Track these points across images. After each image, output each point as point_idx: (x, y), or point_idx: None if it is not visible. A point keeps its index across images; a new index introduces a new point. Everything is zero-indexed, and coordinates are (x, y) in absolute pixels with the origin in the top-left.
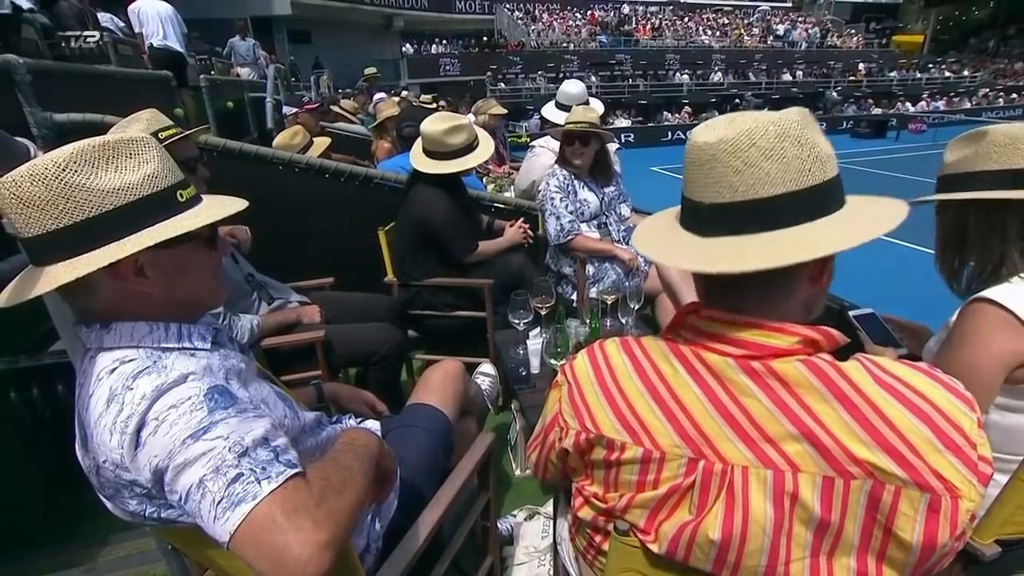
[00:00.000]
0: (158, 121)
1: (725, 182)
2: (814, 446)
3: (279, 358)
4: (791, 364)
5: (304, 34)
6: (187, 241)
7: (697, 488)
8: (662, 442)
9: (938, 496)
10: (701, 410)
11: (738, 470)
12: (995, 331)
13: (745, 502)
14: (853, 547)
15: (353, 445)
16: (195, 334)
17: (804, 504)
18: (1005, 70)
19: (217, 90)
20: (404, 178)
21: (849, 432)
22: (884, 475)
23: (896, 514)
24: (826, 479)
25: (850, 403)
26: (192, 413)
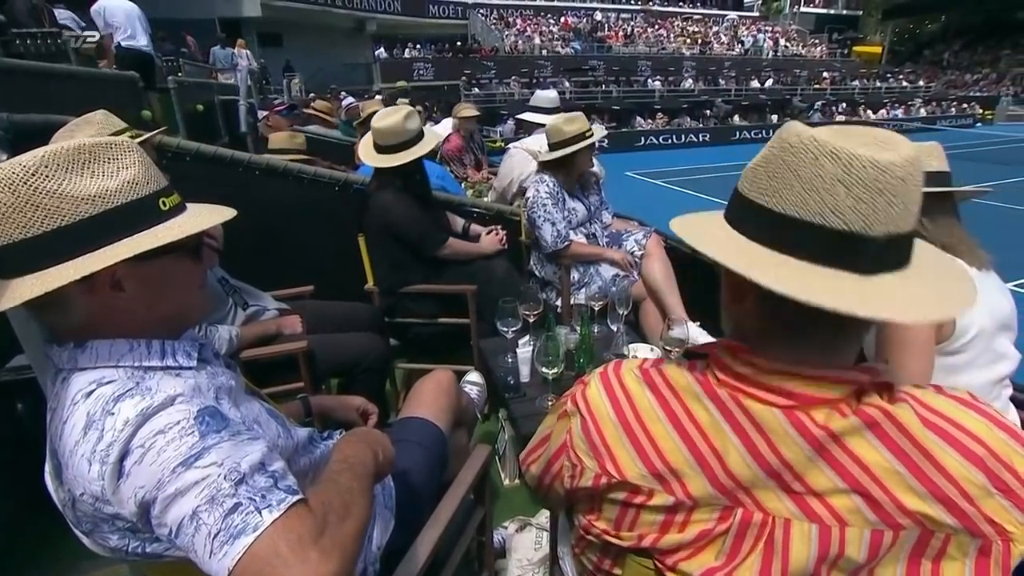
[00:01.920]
0: (111, 124)
1: (910, 211)
2: (864, 498)
3: (258, 370)
4: (844, 421)
5: (275, 37)
6: (170, 252)
7: (732, 535)
8: (695, 492)
9: (989, 541)
10: (739, 461)
11: (779, 522)
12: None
13: (785, 553)
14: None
15: (349, 463)
16: (180, 351)
17: (848, 558)
18: (956, 81)
19: (186, 92)
20: None
21: (901, 482)
22: (935, 524)
23: (943, 557)
24: (875, 532)
25: (900, 451)
26: (182, 439)
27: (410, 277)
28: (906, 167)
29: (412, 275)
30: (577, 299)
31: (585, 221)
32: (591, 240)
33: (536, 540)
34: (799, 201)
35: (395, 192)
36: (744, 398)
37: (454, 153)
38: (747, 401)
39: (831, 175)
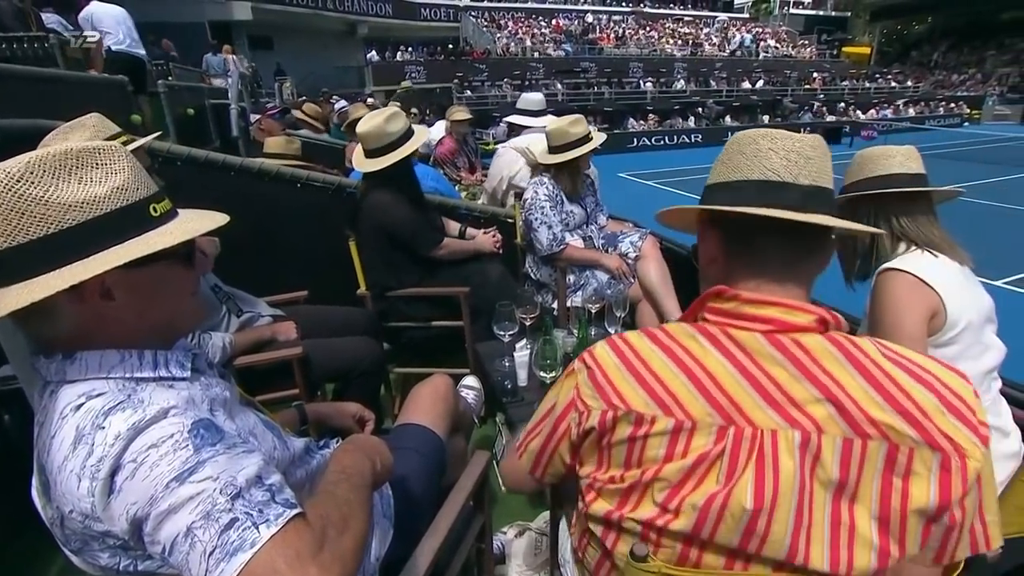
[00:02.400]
0: (106, 127)
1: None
2: (836, 408)
3: (253, 377)
4: (814, 337)
5: (265, 40)
6: (161, 259)
7: (727, 455)
8: (693, 412)
9: (948, 456)
10: (731, 380)
11: (767, 434)
12: (907, 292)
13: (775, 464)
14: (872, 515)
15: (347, 474)
16: (172, 361)
17: (824, 465)
18: (943, 81)
19: (176, 96)
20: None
21: (867, 396)
22: (898, 436)
23: (911, 475)
24: (846, 440)
25: (866, 371)
26: (176, 452)
27: (404, 279)
28: (815, 145)
29: (406, 276)
30: (573, 301)
31: (582, 223)
32: (588, 243)
33: (536, 545)
34: (746, 168)
35: (387, 193)
36: (730, 328)
37: (447, 156)
38: (732, 331)
39: (766, 147)
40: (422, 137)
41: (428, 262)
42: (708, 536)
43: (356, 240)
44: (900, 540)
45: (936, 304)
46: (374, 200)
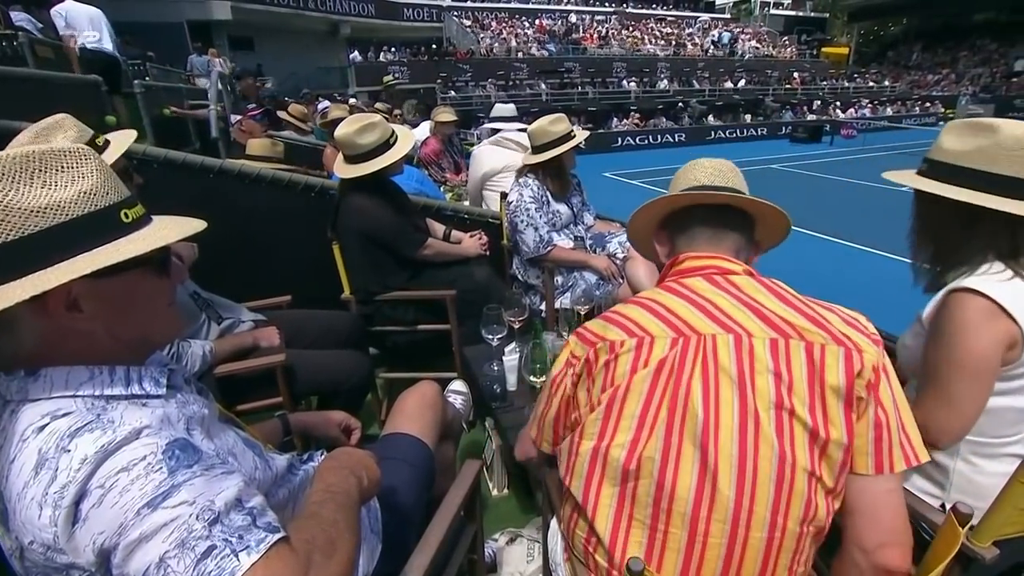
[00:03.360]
0: (83, 129)
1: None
2: (761, 319)
3: (234, 386)
4: (742, 277)
5: (246, 40)
6: (133, 268)
7: (678, 355)
8: (652, 330)
9: (849, 350)
10: (682, 308)
11: (708, 338)
12: (985, 320)
13: (715, 359)
14: (805, 401)
15: (332, 492)
16: (146, 378)
17: (760, 358)
18: (919, 81)
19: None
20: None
21: (784, 310)
22: (811, 335)
23: (824, 365)
24: (772, 340)
25: (783, 297)
26: (148, 476)
27: (388, 282)
28: (727, 165)
29: (390, 280)
30: (562, 303)
31: (569, 223)
32: (578, 243)
33: (528, 552)
34: (682, 182)
35: (365, 195)
36: (681, 278)
37: (432, 157)
38: (683, 279)
39: (693, 167)
40: (404, 147)
41: (413, 265)
42: (677, 441)
43: (339, 243)
44: (824, 416)
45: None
46: (353, 203)
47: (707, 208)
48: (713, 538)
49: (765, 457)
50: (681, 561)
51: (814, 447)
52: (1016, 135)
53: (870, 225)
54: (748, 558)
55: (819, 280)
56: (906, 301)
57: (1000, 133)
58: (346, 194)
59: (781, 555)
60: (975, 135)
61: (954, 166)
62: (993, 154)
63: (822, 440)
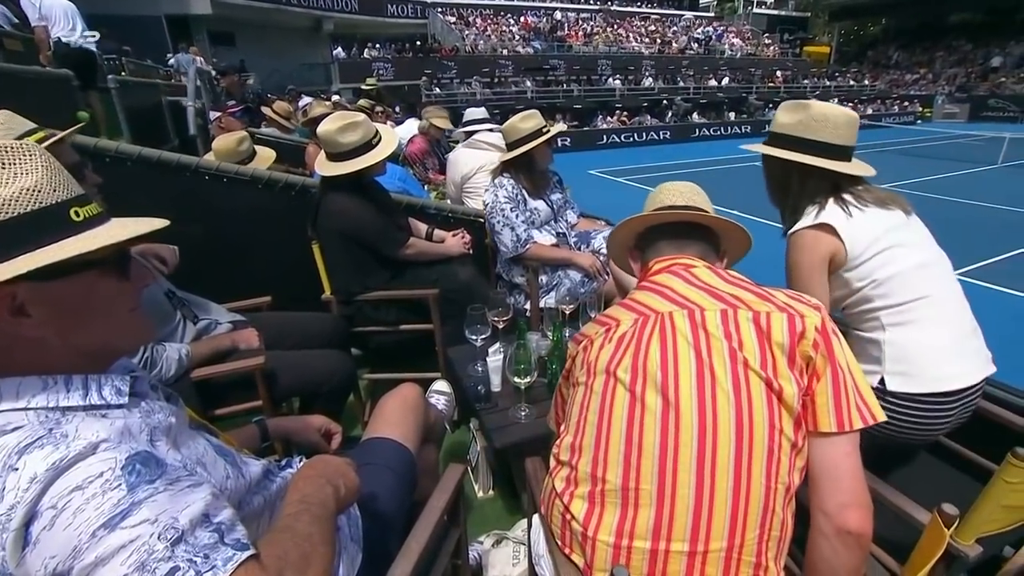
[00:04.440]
0: (18, 124)
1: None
2: (713, 296)
3: (212, 390)
4: (699, 268)
5: (227, 36)
6: (86, 269)
7: (637, 328)
8: (619, 316)
9: (792, 316)
10: (646, 297)
11: (665, 315)
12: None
13: (673, 331)
14: (756, 356)
15: (308, 504)
16: (107, 386)
17: (712, 325)
18: (897, 80)
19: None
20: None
21: (732, 288)
22: (757, 305)
23: (771, 328)
24: (722, 311)
25: (731, 281)
26: (105, 494)
27: (370, 282)
28: (691, 187)
29: (372, 280)
30: (547, 302)
31: (549, 220)
32: (560, 239)
33: (514, 554)
34: (649, 205)
35: (345, 194)
36: (652, 276)
37: (416, 156)
38: (652, 276)
39: (659, 191)
40: (388, 148)
41: (395, 264)
42: (640, 396)
43: (319, 243)
44: (775, 370)
45: (835, 243)
46: (333, 202)
47: (671, 226)
48: (681, 488)
49: (723, 407)
50: (653, 516)
51: (771, 396)
52: (822, 111)
53: None
54: (716, 510)
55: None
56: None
57: (811, 109)
58: (326, 193)
59: (750, 508)
60: (796, 112)
61: (784, 135)
62: (807, 124)
63: (776, 390)
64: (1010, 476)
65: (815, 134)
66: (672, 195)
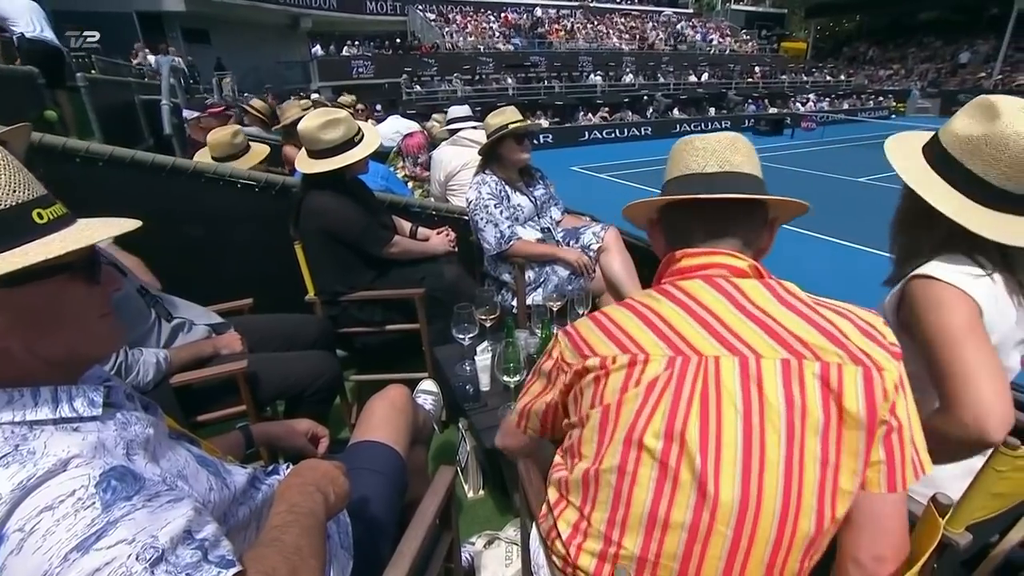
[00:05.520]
0: None
1: (726, 160)
2: (771, 337)
3: (193, 396)
4: (748, 280)
5: (201, 33)
6: (53, 275)
7: (675, 379)
8: (646, 346)
9: (868, 369)
10: (679, 319)
11: (711, 360)
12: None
13: (718, 391)
14: (819, 426)
15: (296, 514)
16: (79, 397)
17: (768, 386)
18: (872, 75)
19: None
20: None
21: (796, 323)
22: (826, 353)
23: (843, 386)
24: (784, 361)
25: (793, 307)
26: (78, 514)
27: (354, 282)
28: (723, 139)
29: (356, 280)
30: (535, 299)
31: (533, 216)
32: (546, 234)
33: (506, 555)
34: (672, 169)
35: (326, 193)
36: (679, 280)
37: (413, 150)
38: (681, 282)
39: (681, 150)
40: (370, 146)
41: (379, 264)
42: (675, 469)
43: (301, 243)
44: (837, 461)
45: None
46: (315, 201)
47: (699, 203)
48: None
49: (769, 497)
50: None
51: (827, 487)
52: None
53: (830, 216)
54: None
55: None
56: (860, 288)
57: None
58: (308, 191)
59: None
60: (978, 120)
61: (944, 153)
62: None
63: (836, 484)
64: (1000, 465)
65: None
66: (702, 155)
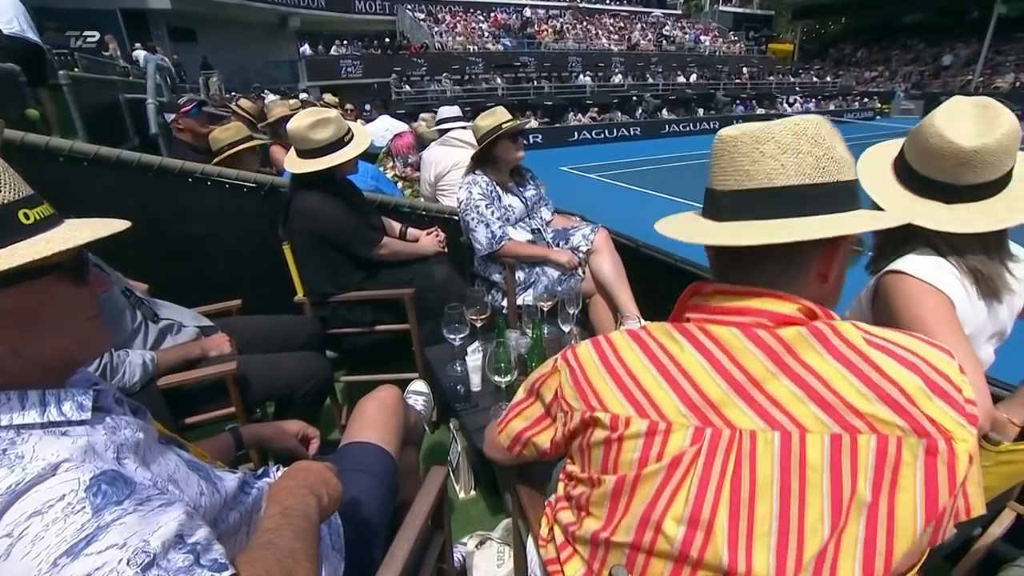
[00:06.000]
0: None
1: (742, 171)
2: (818, 405)
3: (182, 399)
4: (795, 330)
5: (187, 32)
6: (41, 276)
7: (703, 458)
8: (668, 412)
9: (934, 440)
10: (706, 378)
11: (746, 435)
12: (922, 290)
13: (752, 466)
14: (865, 505)
15: (289, 517)
16: (68, 401)
17: (814, 467)
18: (858, 77)
19: (83, 89)
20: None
21: (850, 387)
22: (885, 426)
23: (900, 465)
24: (834, 436)
25: (846, 360)
26: (68, 519)
27: (343, 283)
28: (740, 137)
29: (345, 280)
30: (525, 300)
31: (523, 216)
32: (536, 235)
33: (498, 555)
34: (721, 171)
35: (315, 194)
36: (708, 324)
37: (403, 150)
38: (710, 327)
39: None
40: (360, 146)
41: (369, 264)
42: (700, 551)
43: (290, 243)
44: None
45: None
46: (304, 202)
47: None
48: None
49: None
50: None
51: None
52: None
53: None
54: None
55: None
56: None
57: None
58: (297, 192)
59: None
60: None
61: (900, 149)
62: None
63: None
64: (984, 460)
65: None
66: (726, 160)
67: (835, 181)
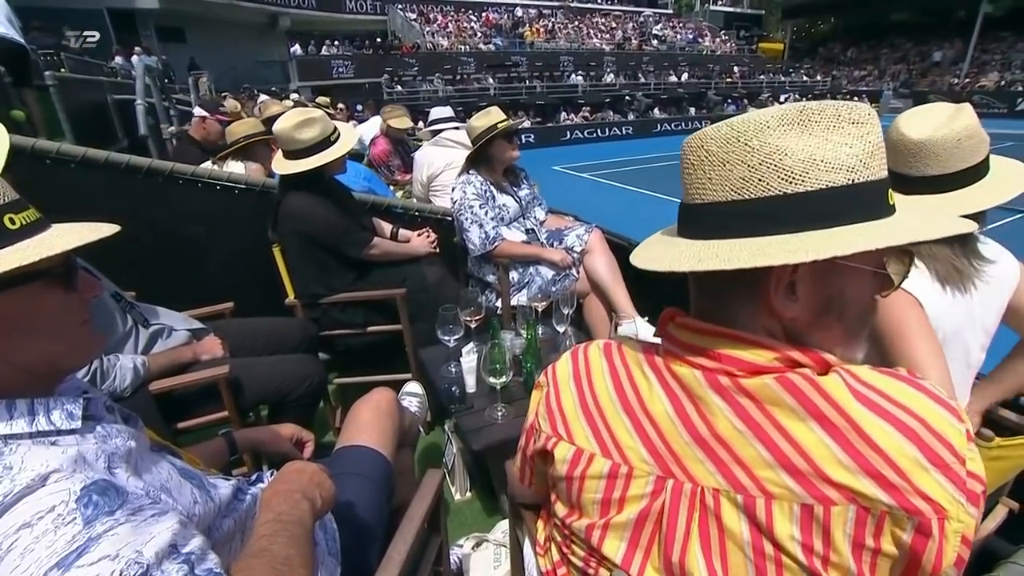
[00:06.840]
0: None
1: (687, 182)
2: (789, 473)
3: (174, 403)
4: (761, 380)
5: (176, 32)
6: (28, 282)
7: (667, 513)
8: (631, 457)
9: (927, 519)
10: (670, 427)
11: (709, 492)
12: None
13: (719, 521)
14: (850, 571)
15: (283, 522)
16: (57, 410)
17: (781, 532)
18: (847, 76)
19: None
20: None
21: (829, 455)
22: (868, 501)
23: (881, 536)
24: (804, 507)
25: (829, 423)
26: (59, 530)
27: (334, 284)
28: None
29: (336, 282)
30: (519, 300)
31: (517, 216)
32: (530, 235)
33: (495, 557)
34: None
35: (304, 195)
36: (674, 363)
37: (382, 159)
38: (675, 365)
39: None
40: (346, 145)
41: (360, 266)
42: None
43: (280, 245)
44: None
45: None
46: (293, 203)
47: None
48: None
49: None
50: None
51: None
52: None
53: None
54: None
55: None
56: None
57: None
58: (286, 193)
59: None
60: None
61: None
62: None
63: None
64: None
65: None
66: (690, 164)
67: (773, 195)
